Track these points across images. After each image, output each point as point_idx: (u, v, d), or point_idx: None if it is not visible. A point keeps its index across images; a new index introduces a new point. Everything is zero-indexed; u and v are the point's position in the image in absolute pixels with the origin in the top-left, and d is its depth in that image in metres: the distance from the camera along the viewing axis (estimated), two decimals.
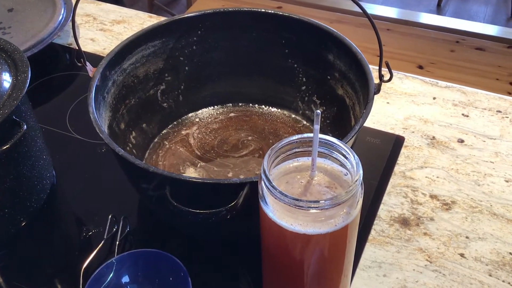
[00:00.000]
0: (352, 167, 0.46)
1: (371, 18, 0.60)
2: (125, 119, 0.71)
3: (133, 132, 0.73)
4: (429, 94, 0.86)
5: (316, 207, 0.43)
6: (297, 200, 0.43)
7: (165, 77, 0.76)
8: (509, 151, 0.77)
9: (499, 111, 0.82)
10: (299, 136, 0.47)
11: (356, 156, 0.45)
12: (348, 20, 1.63)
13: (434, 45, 1.53)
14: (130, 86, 0.72)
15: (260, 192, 0.46)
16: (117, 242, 0.65)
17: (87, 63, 0.66)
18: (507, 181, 0.73)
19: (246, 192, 0.54)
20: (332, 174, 0.48)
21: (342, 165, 0.48)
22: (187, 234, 0.66)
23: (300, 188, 0.47)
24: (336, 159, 0.48)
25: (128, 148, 0.71)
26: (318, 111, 0.44)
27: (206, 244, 0.66)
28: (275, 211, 0.45)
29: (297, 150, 0.48)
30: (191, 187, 0.54)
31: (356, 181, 0.44)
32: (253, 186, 0.52)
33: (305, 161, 0.49)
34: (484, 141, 0.78)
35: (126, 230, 0.67)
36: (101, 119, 0.63)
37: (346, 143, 0.53)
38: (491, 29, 1.62)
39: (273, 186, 0.43)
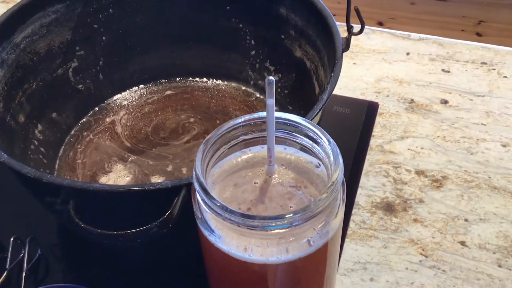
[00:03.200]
0: (326, 156, 0.31)
1: None
2: (25, 110, 0.54)
3: (38, 125, 0.55)
4: (402, 50, 0.71)
5: (282, 226, 0.27)
6: (249, 217, 0.27)
7: (76, 51, 0.59)
8: (501, 109, 0.63)
9: (484, 63, 0.69)
10: (247, 117, 0.32)
11: (331, 141, 0.30)
12: None
13: None
14: (29, 65, 0.54)
15: (196, 208, 0.30)
16: (24, 273, 0.48)
17: None
18: (504, 146, 0.59)
19: (183, 198, 0.38)
20: (299, 167, 0.33)
21: (312, 152, 0.33)
22: (118, 255, 0.50)
23: (254, 192, 0.32)
24: (302, 144, 0.33)
25: (32, 146, 0.54)
26: (271, 77, 0.28)
27: (145, 265, 0.50)
28: (220, 234, 0.30)
29: (245, 137, 0.32)
30: (103, 200, 0.38)
31: (336, 179, 0.28)
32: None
33: (258, 151, 0.34)
34: (472, 100, 0.64)
35: (37, 255, 0.50)
36: None
37: (312, 118, 0.38)
38: None
39: (213, 201, 0.28)
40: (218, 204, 0.27)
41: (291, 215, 0.27)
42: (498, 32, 1.29)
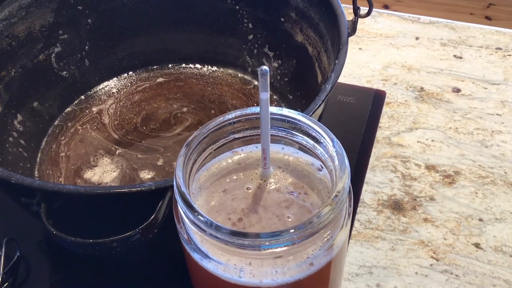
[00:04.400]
0: (330, 159, 0.26)
1: None
2: (3, 99, 0.49)
3: (18, 115, 0.51)
4: (411, 34, 0.66)
5: (278, 245, 0.23)
6: (239, 235, 0.23)
7: (59, 35, 0.54)
8: None
9: (499, 48, 0.63)
10: (238, 112, 0.27)
11: (336, 140, 0.25)
12: None
13: None
14: (6, 51, 0.50)
15: (178, 222, 0.26)
16: (0, 277, 0.44)
17: None
18: None
19: (169, 201, 0.33)
20: (298, 170, 0.28)
21: (313, 153, 0.28)
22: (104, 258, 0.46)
23: (246, 199, 0.27)
24: (302, 144, 0.28)
25: (11, 138, 0.49)
26: (265, 67, 0.23)
27: (131, 270, 0.45)
28: (205, 251, 0.25)
29: (236, 136, 0.28)
30: (78, 203, 0.34)
31: (342, 188, 0.24)
32: None
33: (251, 151, 0.29)
34: (486, 88, 0.59)
35: (15, 257, 0.46)
36: None
37: (315, 110, 0.33)
38: None
39: (197, 216, 0.23)
40: (203, 219, 0.23)
41: (289, 232, 0.23)
42: (508, 16, 1.23)
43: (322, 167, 0.28)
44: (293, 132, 0.27)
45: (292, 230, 0.23)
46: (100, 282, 0.45)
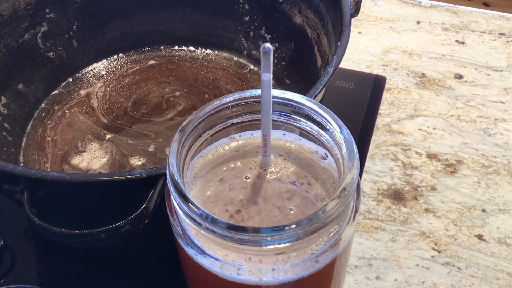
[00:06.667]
0: (337, 147, 0.24)
1: None
2: None
3: (2, 97, 0.48)
4: (412, 18, 0.64)
5: (280, 240, 0.21)
6: (237, 229, 0.20)
7: (45, 13, 0.51)
8: None
9: (502, 34, 0.61)
10: (237, 95, 0.25)
11: (344, 128, 0.23)
12: None
13: None
14: None
15: (171, 214, 0.24)
16: None
17: None
18: None
19: (160, 189, 0.31)
20: (301, 158, 0.26)
21: (317, 140, 0.26)
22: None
23: (245, 189, 0.25)
24: (306, 130, 0.26)
25: None
26: (268, 45, 0.21)
27: (122, 260, 0.43)
28: (200, 246, 0.23)
29: (235, 121, 0.25)
30: (63, 192, 0.31)
31: (350, 181, 0.22)
32: None
33: (250, 137, 0.27)
34: (489, 75, 0.57)
35: None
36: None
37: (316, 95, 0.31)
38: None
39: (191, 208, 0.21)
40: (198, 211, 0.21)
41: (293, 227, 0.20)
42: (507, 3, 1.21)
43: (326, 156, 0.26)
44: (295, 117, 0.25)
45: (294, 226, 0.21)
46: (89, 273, 0.43)
